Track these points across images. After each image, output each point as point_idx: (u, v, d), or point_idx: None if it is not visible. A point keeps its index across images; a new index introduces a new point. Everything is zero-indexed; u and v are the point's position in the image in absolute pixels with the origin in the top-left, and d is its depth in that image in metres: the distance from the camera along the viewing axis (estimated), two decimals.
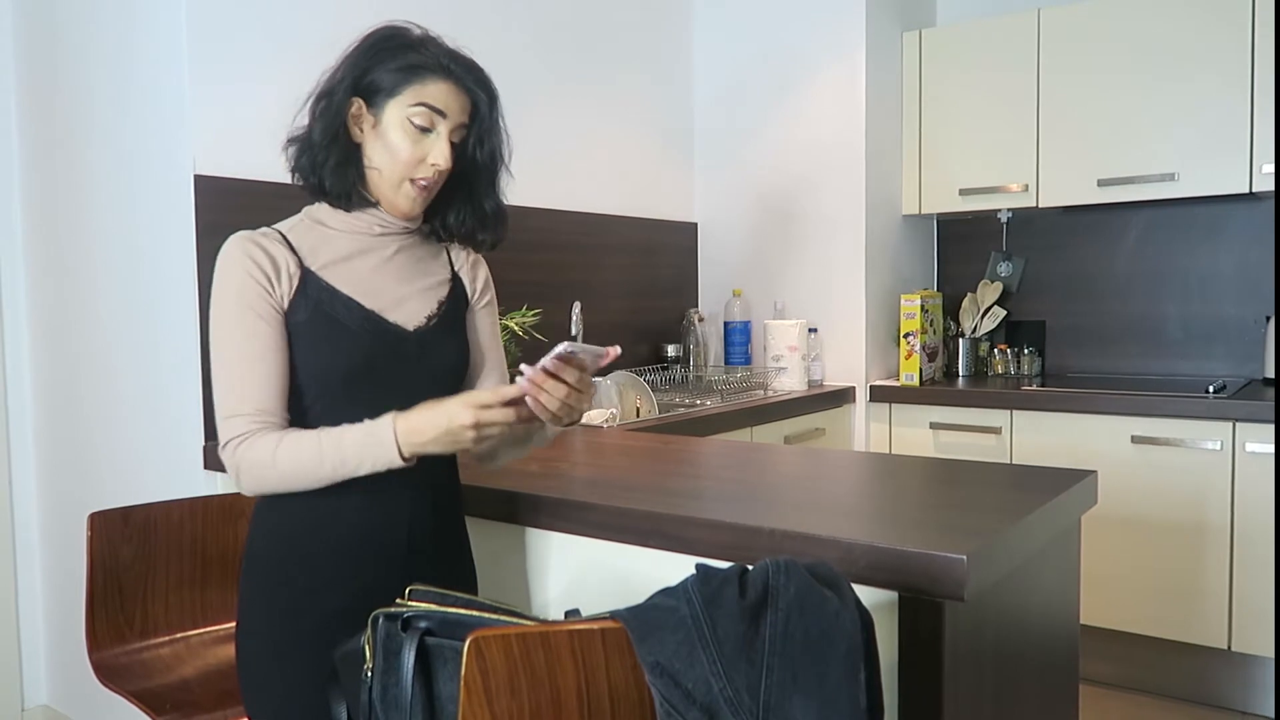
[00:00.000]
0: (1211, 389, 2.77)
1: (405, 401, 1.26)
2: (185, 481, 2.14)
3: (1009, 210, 3.41)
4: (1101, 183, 3.05)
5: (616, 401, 2.67)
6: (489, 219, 1.44)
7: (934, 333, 3.34)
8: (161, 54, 2.12)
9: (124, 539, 1.76)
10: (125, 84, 2.22)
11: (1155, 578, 2.78)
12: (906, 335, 3.22)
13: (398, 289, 1.36)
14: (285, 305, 1.28)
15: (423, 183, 1.31)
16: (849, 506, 1.49)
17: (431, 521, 1.37)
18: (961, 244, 3.65)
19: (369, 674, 1.13)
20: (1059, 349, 3.46)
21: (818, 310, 3.30)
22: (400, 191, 1.32)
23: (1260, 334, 3.06)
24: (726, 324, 3.40)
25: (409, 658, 1.09)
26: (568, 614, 1.10)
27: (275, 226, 1.34)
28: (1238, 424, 2.65)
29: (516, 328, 2.10)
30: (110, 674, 1.66)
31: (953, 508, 1.40)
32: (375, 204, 1.34)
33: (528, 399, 1.19)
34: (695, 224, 3.56)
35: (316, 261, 1.32)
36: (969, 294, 3.53)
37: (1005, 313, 3.49)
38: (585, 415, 2.51)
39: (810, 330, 3.24)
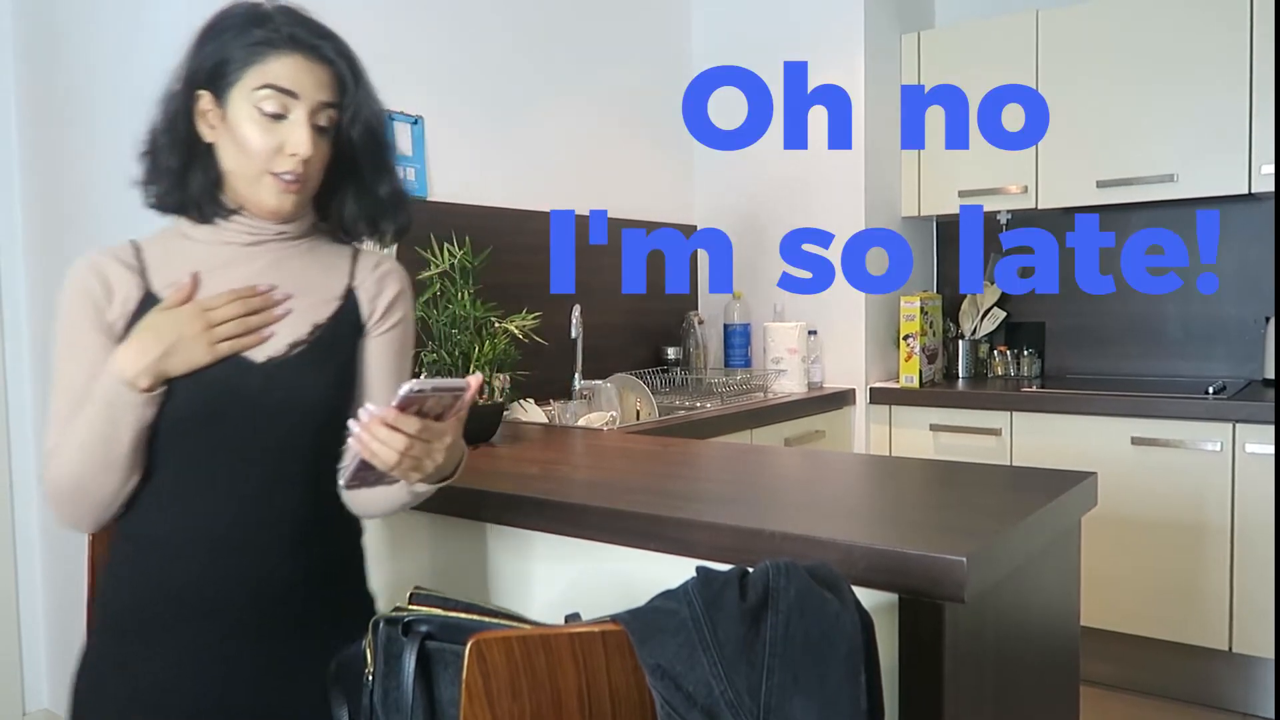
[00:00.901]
0: (1211, 390, 2.77)
1: (247, 449, 1.15)
2: None
3: (1009, 211, 3.41)
4: (1101, 184, 3.05)
5: (616, 404, 2.68)
6: (386, 206, 1.26)
7: (933, 334, 3.34)
8: (162, 56, 2.12)
9: None
10: (125, 85, 2.22)
11: (1156, 579, 2.78)
12: (906, 337, 3.22)
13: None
14: (119, 332, 1.14)
15: (287, 176, 1.14)
16: (849, 508, 1.49)
17: (302, 587, 1.20)
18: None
19: (370, 678, 1.13)
20: (1058, 350, 3.46)
21: (817, 312, 3.30)
22: (261, 186, 1.15)
23: (1260, 334, 3.06)
24: (726, 326, 3.41)
25: (410, 661, 1.09)
26: (568, 618, 1.10)
27: (140, 238, 1.21)
28: (1238, 425, 2.65)
29: (517, 331, 2.10)
30: None
31: (953, 509, 1.40)
32: (236, 210, 1.19)
33: (359, 448, 1.05)
34: (695, 226, 3.56)
35: (165, 279, 1.17)
36: (969, 295, 3.53)
37: (1005, 314, 3.49)
38: (586, 419, 2.52)
39: (810, 332, 3.25)
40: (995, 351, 3.47)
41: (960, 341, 3.47)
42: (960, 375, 3.45)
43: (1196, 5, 2.88)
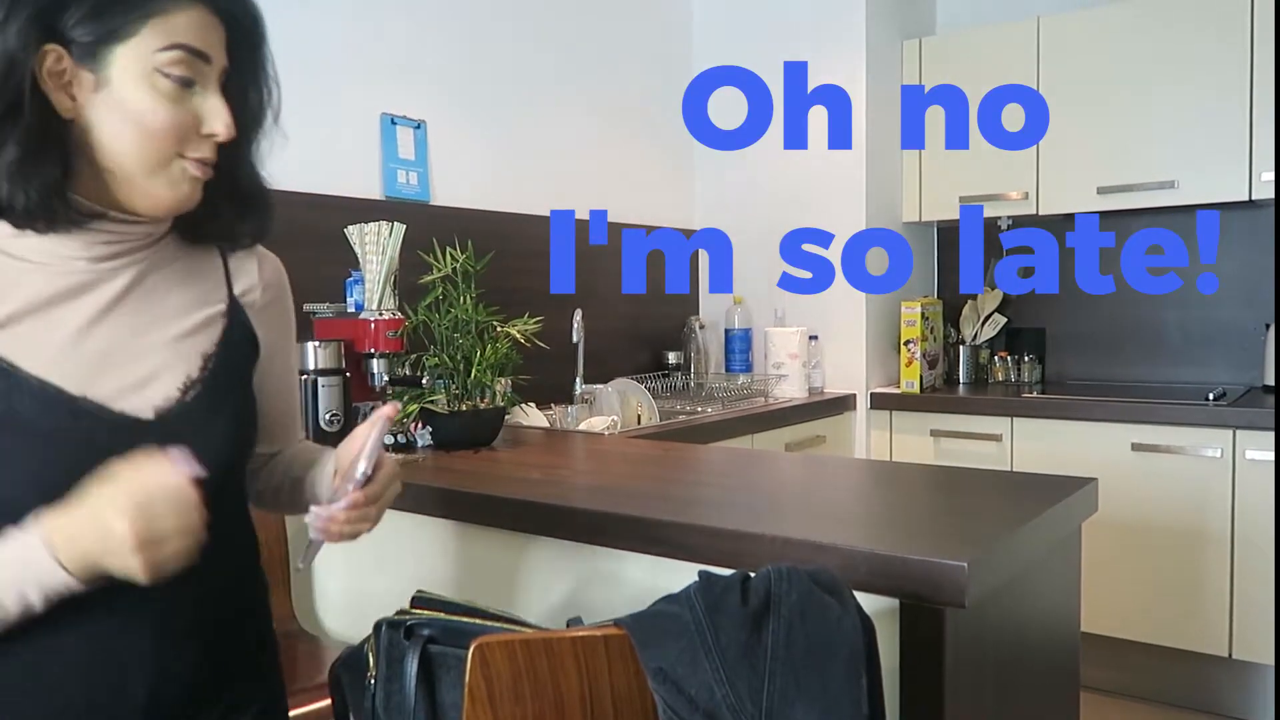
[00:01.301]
0: (1211, 396, 2.77)
1: None
2: None
3: (1009, 218, 3.42)
4: (1101, 190, 3.06)
5: (618, 409, 2.68)
6: (250, 202, 0.99)
7: (934, 340, 3.34)
8: None
9: None
10: None
11: (1156, 585, 2.78)
12: (907, 342, 3.23)
13: (131, 346, 0.90)
14: None
15: (203, 158, 0.89)
16: (850, 514, 1.50)
17: (200, 675, 0.95)
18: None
19: (372, 681, 1.13)
20: (1059, 356, 3.47)
21: (818, 317, 3.31)
22: (165, 176, 0.88)
23: (1260, 341, 3.06)
24: (727, 331, 3.41)
25: (412, 665, 1.09)
26: (570, 622, 1.10)
27: None
28: (1238, 431, 2.66)
29: (518, 335, 2.11)
30: None
31: (954, 515, 1.41)
32: (100, 214, 0.88)
33: (325, 538, 0.96)
34: (695, 229, 3.56)
35: None
36: (969, 301, 3.54)
37: (1005, 320, 3.49)
38: (587, 423, 2.52)
39: (811, 337, 3.25)
40: (996, 357, 3.48)
41: (961, 347, 3.47)
42: (961, 381, 3.46)
43: (1197, 12, 2.89)
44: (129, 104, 0.84)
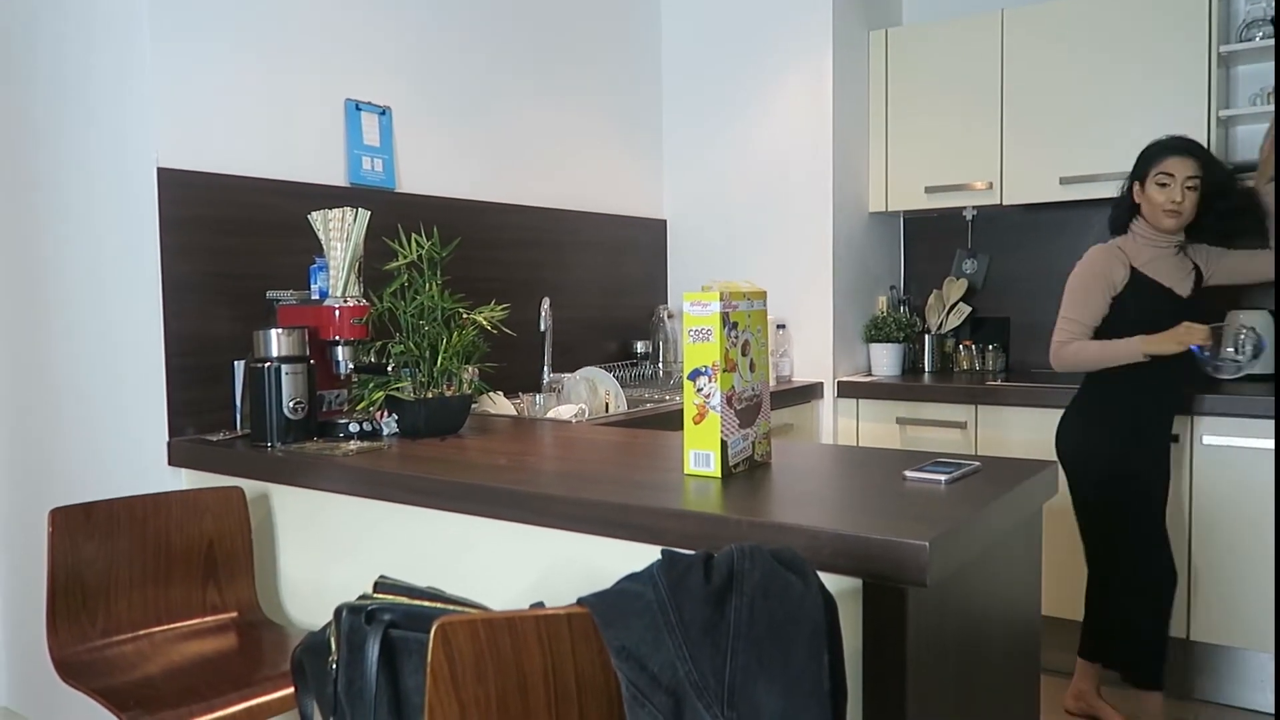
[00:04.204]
0: None
1: None
2: (151, 478, 2.11)
3: (974, 208, 3.45)
4: (1063, 181, 3.10)
5: (586, 397, 2.68)
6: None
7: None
8: (124, 46, 2.09)
9: (86, 535, 1.74)
10: (87, 76, 2.19)
11: None
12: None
13: None
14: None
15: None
16: (815, 496, 1.50)
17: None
18: (927, 241, 3.69)
19: (334, 666, 1.13)
20: (1022, 345, 3.51)
21: (786, 306, 3.32)
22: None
23: (1216, 329, 3.11)
24: None
25: (373, 650, 1.08)
26: (533, 607, 1.10)
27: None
28: (1195, 417, 2.70)
29: (485, 322, 2.10)
30: (72, 672, 1.64)
31: (917, 496, 1.42)
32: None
33: None
34: (664, 220, 3.57)
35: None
36: (935, 291, 3.57)
37: (970, 309, 3.53)
38: (555, 411, 2.52)
39: (779, 326, 3.26)
40: (961, 346, 3.51)
41: (926, 336, 3.50)
42: (926, 369, 3.49)
43: (1156, 6, 2.93)
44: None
